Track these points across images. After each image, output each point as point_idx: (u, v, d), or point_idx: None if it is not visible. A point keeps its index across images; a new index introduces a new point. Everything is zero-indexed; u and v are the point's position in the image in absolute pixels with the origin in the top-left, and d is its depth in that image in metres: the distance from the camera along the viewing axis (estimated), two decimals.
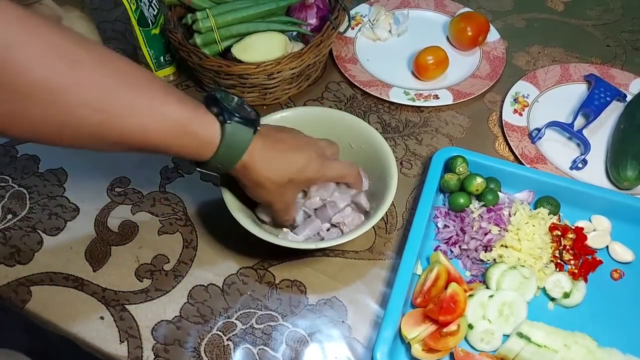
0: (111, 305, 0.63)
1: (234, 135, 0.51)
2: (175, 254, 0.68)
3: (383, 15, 0.97)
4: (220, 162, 0.53)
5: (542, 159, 0.77)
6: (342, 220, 0.64)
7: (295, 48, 0.81)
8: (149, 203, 0.73)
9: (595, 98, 0.83)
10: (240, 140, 0.52)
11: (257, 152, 0.54)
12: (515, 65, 0.93)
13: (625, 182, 0.73)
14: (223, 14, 0.80)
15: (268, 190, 0.57)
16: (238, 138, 0.52)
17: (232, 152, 0.52)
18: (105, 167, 0.76)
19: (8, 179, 0.75)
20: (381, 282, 0.66)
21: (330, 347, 0.61)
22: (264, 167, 0.55)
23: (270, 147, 0.55)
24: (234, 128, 0.51)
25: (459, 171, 0.71)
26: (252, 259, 0.67)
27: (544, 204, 0.70)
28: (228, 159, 0.53)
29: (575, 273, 0.65)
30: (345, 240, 0.60)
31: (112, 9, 1.01)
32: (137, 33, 0.80)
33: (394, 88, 0.86)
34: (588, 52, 0.96)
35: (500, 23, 1.01)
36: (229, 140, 0.51)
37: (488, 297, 0.61)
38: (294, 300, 0.64)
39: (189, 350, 0.60)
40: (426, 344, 0.58)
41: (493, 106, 0.87)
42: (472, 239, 0.67)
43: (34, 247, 0.68)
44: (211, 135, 0.51)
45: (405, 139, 0.81)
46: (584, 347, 0.57)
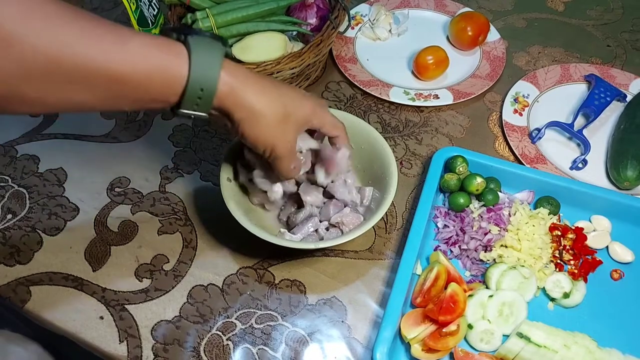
0: (111, 305, 0.63)
1: (202, 47, 0.47)
2: (175, 253, 0.68)
3: (383, 15, 0.96)
4: (199, 83, 0.47)
5: (542, 159, 0.77)
6: (342, 220, 0.64)
7: (295, 48, 0.81)
8: (149, 203, 0.73)
9: (595, 98, 0.83)
10: (211, 52, 0.47)
11: (241, 71, 0.49)
12: (516, 65, 0.93)
13: (625, 182, 0.73)
14: (223, 13, 0.80)
15: (268, 123, 0.51)
16: (207, 49, 0.47)
17: (206, 65, 0.47)
18: (105, 167, 0.76)
19: (8, 179, 0.75)
20: (381, 282, 0.66)
21: (330, 347, 0.61)
22: (258, 91, 0.50)
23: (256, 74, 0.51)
24: (198, 39, 0.47)
25: (459, 171, 0.71)
26: (251, 258, 0.67)
27: (544, 204, 0.70)
28: (206, 77, 0.47)
29: (575, 273, 0.65)
30: (345, 240, 0.60)
31: (112, 8, 1.01)
32: None
33: (394, 88, 0.86)
34: (588, 52, 0.96)
35: (501, 23, 1.01)
36: (197, 52, 0.46)
37: (488, 297, 0.61)
38: (293, 300, 0.64)
39: (189, 350, 0.60)
40: (426, 344, 0.58)
41: (493, 106, 0.87)
42: (472, 239, 0.66)
43: (33, 247, 0.68)
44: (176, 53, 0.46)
45: (405, 139, 0.81)
46: (584, 347, 0.57)
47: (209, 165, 0.77)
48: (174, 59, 0.46)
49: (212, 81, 0.48)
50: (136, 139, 0.80)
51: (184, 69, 0.46)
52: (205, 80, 0.47)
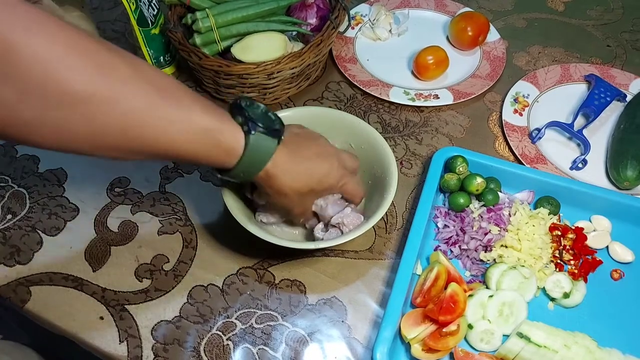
0: (111, 305, 0.63)
1: (258, 146, 0.52)
2: (175, 253, 0.68)
3: (383, 15, 0.96)
4: (243, 171, 0.53)
5: (542, 159, 0.77)
6: (342, 220, 0.64)
7: (295, 48, 0.81)
8: (149, 203, 0.73)
9: (595, 98, 0.83)
10: (264, 151, 0.52)
11: (280, 162, 0.54)
12: (516, 65, 0.93)
13: (625, 182, 0.73)
14: (223, 13, 0.80)
15: (290, 198, 0.57)
16: (261, 149, 0.52)
17: (255, 162, 0.52)
18: (105, 167, 0.76)
19: (8, 179, 0.75)
20: (381, 282, 0.66)
21: (330, 347, 0.61)
22: (287, 177, 0.55)
23: (294, 156, 0.56)
24: (257, 139, 0.51)
25: (459, 171, 0.71)
26: (251, 258, 0.67)
27: (544, 204, 0.70)
28: (251, 169, 0.53)
29: (575, 273, 0.65)
30: (345, 240, 0.60)
31: (111, 8, 1.01)
32: (137, 33, 0.80)
33: (394, 88, 0.86)
34: (588, 52, 0.96)
35: (501, 23, 1.01)
36: (252, 150, 0.51)
37: (488, 297, 0.61)
38: (293, 300, 0.64)
39: (189, 350, 0.60)
40: (426, 344, 0.58)
41: (493, 106, 0.87)
42: (472, 239, 0.66)
43: (33, 247, 0.68)
44: (235, 145, 0.51)
45: (405, 139, 0.81)
46: (584, 347, 0.57)
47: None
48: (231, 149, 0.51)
49: (254, 174, 0.53)
50: None
51: (236, 159, 0.51)
52: (249, 172, 0.53)
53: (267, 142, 0.52)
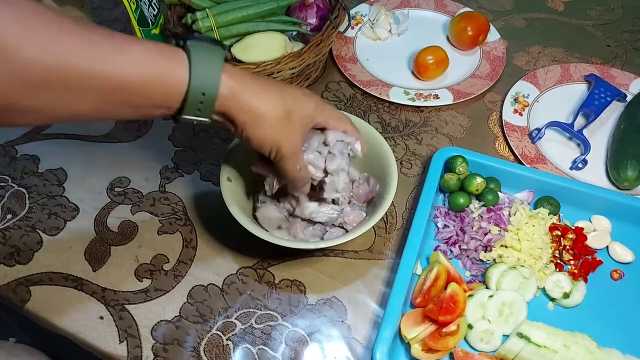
0: (111, 305, 0.63)
1: (202, 52, 0.47)
2: (175, 253, 0.68)
3: (383, 15, 0.96)
4: (200, 88, 0.47)
5: (542, 159, 0.77)
6: (344, 219, 0.64)
7: (295, 48, 0.81)
8: (149, 203, 0.73)
9: (595, 98, 0.83)
10: (211, 56, 0.47)
11: (240, 74, 0.49)
12: (516, 65, 0.93)
13: (625, 182, 0.73)
14: (223, 13, 0.80)
15: (271, 124, 0.51)
16: (207, 54, 0.47)
17: (206, 69, 0.47)
18: (105, 167, 0.76)
19: (8, 179, 0.75)
20: (381, 282, 0.66)
21: (330, 347, 0.61)
22: (258, 93, 0.50)
23: (254, 76, 0.51)
24: (197, 44, 0.47)
25: (459, 171, 0.71)
26: (251, 258, 0.67)
27: (544, 204, 0.70)
28: (206, 82, 0.47)
29: (575, 273, 0.65)
30: (345, 240, 0.60)
31: (112, 8, 1.01)
32: (137, 33, 0.80)
33: (394, 88, 0.86)
34: (588, 52, 0.96)
35: (501, 23, 1.01)
36: (197, 56, 0.46)
37: (488, 297, 0.61)
38: (293, 300, 0.64)
39: (189, 350, 0.60)
40: (426, 344, 0.58)
41: (493, 106, 0.87)
42: (472, 239, 0.66)
43: (33, 246, 0.68)
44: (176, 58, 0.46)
45: (405, 139, 0.81)
46: (584, 347, 0.57)
47: (209, 165, 0.77)
48: (173, 64, 0.46)
49: (213, 85, 0.47)
50: (136, 139, 0.80)
51: (184, 74, 0.46)
52: (206, 84, 0.47)
53: (211, 48, 0.48)
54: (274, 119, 0.51)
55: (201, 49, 0.47)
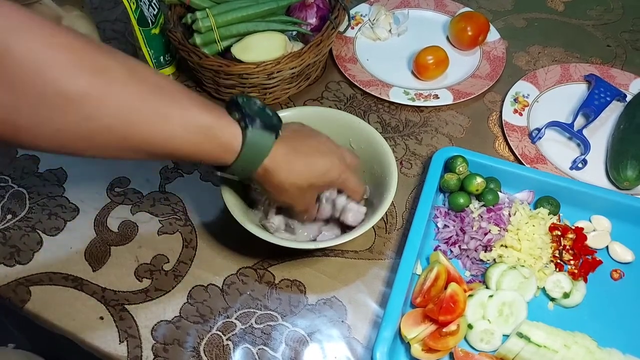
0: (111, 305, 0.63)
1: (255, 141, 0.51)
2: (175, 254, 0.68)
3: (383, 15, 0.96)
4: (242, 167, 0.52)
5: (542, 159, 0.77)
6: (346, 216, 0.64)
7: (295, 48, 0.81)
8: (149, 203, 0.73)
9: (595, 98, 0.83)
10: (262, 147, 0.52)
11: (279, 157, 0.54)
12: (515, 65, 0.93)
13: (625, 182, 0.73)
14: (223, 13, 0.80)
15: (290, 194, 0.57)
16: (259, 144, 0.52)
17: (254, 157, 0.52)
18: (105, 167, 0.76)
19: (8, 179, 0.75)
20: (381, 281, 0.66)
21: (330, 347, 0.61)
22: (286, 172, 0.55)
23: (293, 152, 0.55)
24: (255, 134, 0.51)
25: (459, 171, 0.71)
26: (251, 258, 0.67)
27: (544, 204, 0.70)
28: (249, 164, 0.53)
29: (575, 273, 0.65)
30: (345, 240, 0.60)
31: (112, 8, 1.01)
32: (137, 33, 0.80)
33: (394, 88, 0.86)
34: (588, 52, 0.96)
35: (501, 23, 1.01)
36: (250, 146, 0.51)
37: (488, 297, 0.61)
38: (293, 300, 0.64)
39: (189, 350, 0.60)
40: (426, 344, 0.58)
41: (493, 106, 0.87)
42: (472, 239, 0.66)
43: (33, 247, 0.68)
44: (233, 141, 0.51)
45: (405, 139, 0.81)
46: (584, 347, 0.57)
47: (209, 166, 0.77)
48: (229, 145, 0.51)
49: (252, 169, 0.53)
50: None
51: (234, 155, 0.51)
52: (248, 168, 0.53)
53: (265, 137, 0.52)
54: (293, 191, 0.57)
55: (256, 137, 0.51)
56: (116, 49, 0.45)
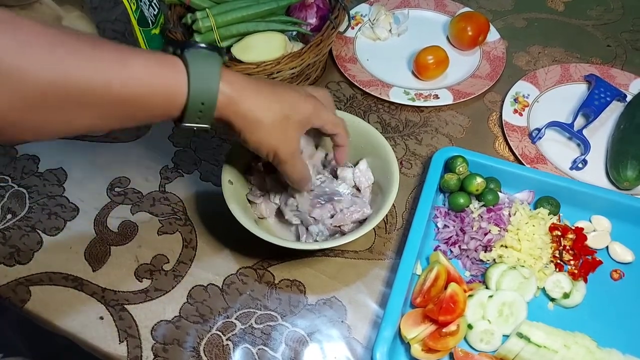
0: (110, 305, 0.63)
1: (199, 60, 0.47)
2: (175, 254, 0.68)
3: (383, 15, 0.96)
4: (199, 97, 0.47)
5: (542, 159, 0.77)
6: (359, 178, 0.64)
7: (295, 48, 0.81)
8: (149, 203, 0.73)
9: (595, 98, 0.83)
10: (209, 63, 0.48)
11: (238, 80, 0.50)
12: (516, 65, 0.93)
13: (625, 182, 0.73)
14: (223, 13, 0.80)
15: (267, 129, 0.52)
16: (205, 62, 0.48)
17: (204, 78, 0.47)
18: (105, 167, 0.76)
19: (8, 179, 0.75)
20: (381, 282, 0.66)
21: (330, 347, 0.61)
22: (255, 98, 0.51)
23: (252, 81, 0.52)
24: (195, 53, 0.48)
25: (459, 171, 0.71)
26: (251, 258, 0.67)
27: (544, 204, 0.70)
28: (205, 90, 0.48)
29: (575, 273, 0.65)
30: (345, 241, 0.60)
31: (112, 8, 1.01)
32: (137, 33, 0.80)
33: (394, 88, 0.86)
34: (588, 52, 0.96)
35: (501, 23, 1.01)
36: (195, 66, 0.47)
37: (488, 297, 0.61)
38: (293, 300, 0.64)
39: (188, 350, 0.60)
40: (426, 344, 0.58)
41: (493, 106, 0.87)
42: (472, 239, 0.66)
43: (33, 247, 0.68)
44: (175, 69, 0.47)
45: (405, 139, 0.81)
46: (584, 347, 0.57)
47: (209, 165, 0.77)
48: (173, 75, 0.47)
49: (211, 94, 0.48)
50: (136, 139, 0.80)
51: (183, 84, 0.47)
52: (205, 94, 0.48)
53: (208, 56, 0.48)
54: (270, 124, 0.52)
55: (198, 57, 0.48)
56: None
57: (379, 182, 0.67)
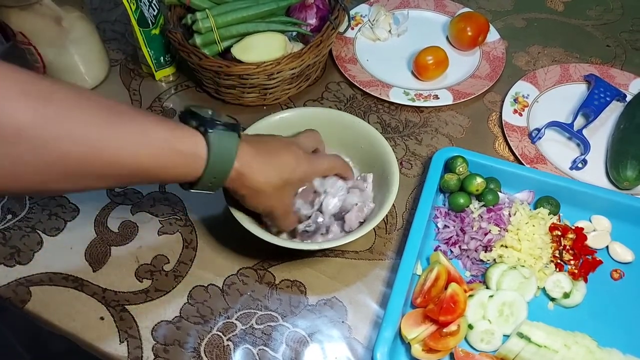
0: (111, 305, 0.63)
1: (220, 142, 0.51)
2: (175, 254, 0.68)
3: (383, 15, 0.97)
4: (214, 174, 0.51)
5: (542, 159, 0.77)
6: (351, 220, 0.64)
7: (295, 48, 0.81)
8: (149, 203, 0.73)
9: (595, 98, 0.83)
10: (228, 146, 0.51)
11: (248, 157, 0.53)
12: (515, 65, 0.93)
13: (625, 182, 0.73)
14: (223, 14, 0.80)
15: (267, 195, 0.56)
16: (224, 144, 0.51)
17: (222, 160, 0.51)
18: None
19: None
20: (381, 282, 0.66)
21: (330, 347, 0.61)
22: (259, 172, 0.54)
23: (259, 151, 0.55)
24: (217, 135, 0.50)
25: (459, 171, 0.71)
26: (252, 259, 0.67)
27: (544, 204, 0.70)
28: (220, 169, 0.52)
29: (575, 273, 0.65)
30: (346, 242, 0.60)
31: (112, 9, 1.01)
32: (137, 33, 0.80)
33: (393, 88, 0.86)
34: (588, 52, 0.96)
35: (500, 23, 1.01)
36: (215, 148, 0.50)
37: (488, 297, 0.61)
38: (293, 300, 0.64)
39: (189, 350, 0.60)
40: (426, 344, 0.58)
41: (493, 106, 0.87)
42: (472, 239, 0.66)
43: (33, 247, 0.68)
44: (197, 148, 0.50)
45: (405, 139, 0.81)
46: (584, 347, 0.57)
47: None
48: (194, 153, 0.49)
49: (225, 172, 0.52)
50: None
51: (202, 165, 0.50)
52: (220, 171, 0.52)
53: (228, 137, 0.51)
54: (270, 191, 0.56)
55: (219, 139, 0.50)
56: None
57: (380, 183, 0.67)
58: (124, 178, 0.47)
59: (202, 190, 0.53)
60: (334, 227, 0.65)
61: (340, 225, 0.66)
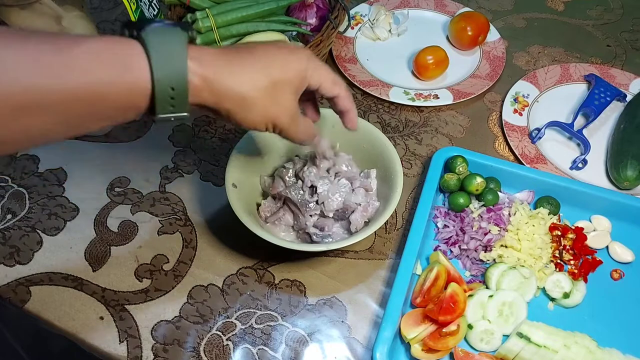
0: (111, 305, 0.63)
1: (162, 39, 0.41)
2: (175, 254, 0.68)
3: (383, 15, 0.96)
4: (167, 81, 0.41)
5: (542, 159, 0.77)
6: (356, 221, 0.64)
7: None
8: (149, 203, 0.73)
9: (595, 98, 0.83)
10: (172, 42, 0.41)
11: (209, 56, 0.43)
12: (515, 65, 0.93)
13: (625, 182, 0.73)
14: (223, 13, 0.80)
15: (256, 102, 0.46)
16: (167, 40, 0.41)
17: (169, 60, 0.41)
18: (105, 167, 0.76)
19: (8, 179, 0.75)
20: (381, 282, 0.66)
21: (330, 347, 0.61)
22: (235, 74, 0.44)
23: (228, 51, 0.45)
24: (153, 33, 0.40)
25: (458, 171, 0.71)
26: (251, 258, 0.67)
27: (544, 204, 0.70)
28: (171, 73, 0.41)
29: (575, 273, 0.65)
30: (347, 244, 0.60)
31: (112, 8, 1.01)
32: None
33: (393, 88, 0.86)
34: (588, 52, 0.96)
35: (500, 23, 1.01)
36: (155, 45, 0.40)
37: (488, 297, 0.61)
38: (293, 300, 0.64)
39: (189, 350, 0.60)
40: (426, 344, 0.58)
41: (493, 106, 0.87)
42: (472, 239, 0.66)
43: (33, 247, 0.68)
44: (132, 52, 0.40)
45: (405, 139, 0.81)
46: (584, 347, 0.57)
47: (209, 165, 0.77)
48: (130, 60, 0.40)
49: (180, 75, 0.41)
50: (136, 139, 0.80)
51: (144, 69, 0.40)
52: (173, 76, 0.41)
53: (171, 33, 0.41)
54: (258, 97, 0.46)
55: (158, 36, 0.41)
56: None
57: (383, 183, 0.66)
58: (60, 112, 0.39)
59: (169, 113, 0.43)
60: (335, 228, 0.65)
61: (344, 226, 0.66)
